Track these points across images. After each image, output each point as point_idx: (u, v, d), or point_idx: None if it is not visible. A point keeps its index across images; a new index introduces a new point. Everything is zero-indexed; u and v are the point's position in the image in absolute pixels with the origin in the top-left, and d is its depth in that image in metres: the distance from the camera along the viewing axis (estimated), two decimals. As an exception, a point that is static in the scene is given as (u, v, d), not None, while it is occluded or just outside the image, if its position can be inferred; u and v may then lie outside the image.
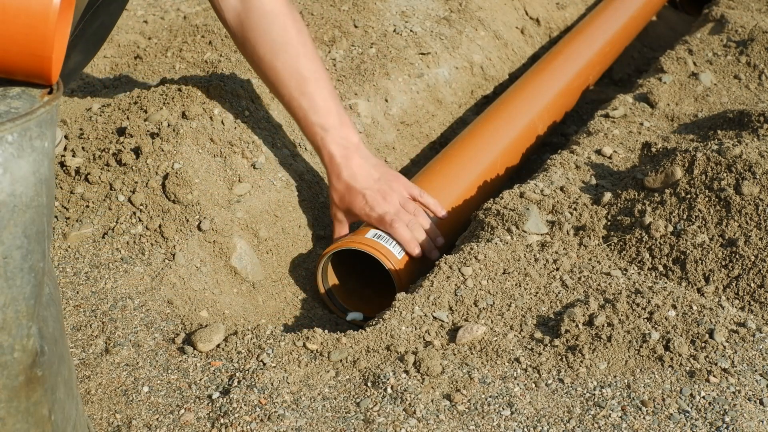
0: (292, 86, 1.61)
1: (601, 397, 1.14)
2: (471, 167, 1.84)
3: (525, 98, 2.15)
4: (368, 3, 2.47)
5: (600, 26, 2.66)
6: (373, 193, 1.61)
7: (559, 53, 2.44)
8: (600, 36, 2.61)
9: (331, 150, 1.62)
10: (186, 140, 1.66)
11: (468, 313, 1.31)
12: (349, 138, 1.63)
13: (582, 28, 2.64)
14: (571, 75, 2.36)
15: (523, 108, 2.11)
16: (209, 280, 1.51)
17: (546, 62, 2.37)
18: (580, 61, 2.44)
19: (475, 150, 1.89)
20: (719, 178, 1.46)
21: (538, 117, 2.13)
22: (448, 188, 1.76)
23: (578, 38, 2.55)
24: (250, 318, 1.49)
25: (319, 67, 1.63)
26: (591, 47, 2.53)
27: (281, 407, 1.12)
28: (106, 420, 1.11)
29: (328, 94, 1.63)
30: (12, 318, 0.69)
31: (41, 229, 0.70)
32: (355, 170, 1.62)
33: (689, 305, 1.27)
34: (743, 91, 2.22)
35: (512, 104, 2.11)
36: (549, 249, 1.45)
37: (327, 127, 1.62)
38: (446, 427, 1.09)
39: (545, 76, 2.28)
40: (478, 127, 1.98)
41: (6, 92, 0.70)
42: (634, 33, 2.93)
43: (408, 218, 1.60)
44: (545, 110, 2.17)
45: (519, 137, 2.04)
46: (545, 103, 2.19)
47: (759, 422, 1.08)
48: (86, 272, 1.41)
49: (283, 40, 1.59)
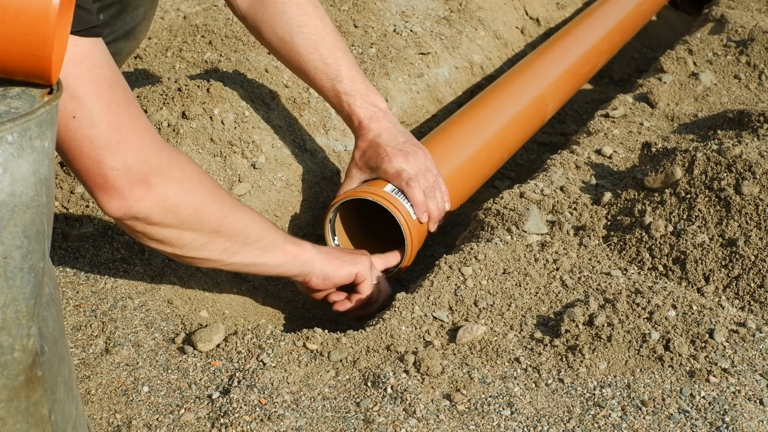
0: (315, 59, 1.60)
1: (601, 397, 1.14)
2: (478, 133, 1.86)
3: (534, 73, 2.17)
4: (368, 3, 2.47)
5: (602, 16, 2.66)
6: (396, 150, 1.59)
7: (566, 35, 2.45)
8: (603, 25, 2.61)
9: (359, 114, 1.61)
10: (186, 140, 1.66)
11: (468, 313, 1.31)
12: (376, 103, 1.63)
13: (586, 16, 2.63)
14: (578, 56, 2.38)
15: (532, 83, 2.13)
16: (209, 280, 1.51)
17: (553, 42, 2.39)
18: (585, 44, 2.45)
19: (485, 116, 1.91)
20: (719, 178, 1.46)
21: (547, 92, 2.15)
22: (455, 153, 1.77)
23: (579, 28, 2.56)
24: (250, 318, 1.49)
25: (338, 38, 1.63)
26: (593, 35, 2.53)
27: (281, 407, 1.12)
28: (106, 420, 1.11)
29: (351, 63, 1.63)
30: (12, 318, 0.69)
31: (41, 229, 0.70)
32: (381, 130, 1.61)
33: (689, 305, 1.27)
34: (743, 91, 2.22)
35: (521, 78, 2.13)
36: (549, 249, 1.45)
37: (353, 94, 1.61)
38: (446, 427, 1.09)
39: (553, 53, 2.30)
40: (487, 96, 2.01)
41: (6, 92, 0.70)
42: (639, 25, 2.93)
43: (426, 184, 1.59)
44: (554, 86, 2.19)
45: (527, 109, 2.06)
46: (553, 78, 2.21)
47: (759, 422, 1.08)
48: (86, 272, 1.41)
49: (301, 18, 1.59)
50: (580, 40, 2.44)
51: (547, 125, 2.40)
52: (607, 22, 2.62)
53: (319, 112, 2.02)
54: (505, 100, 1.98)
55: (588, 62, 2.42)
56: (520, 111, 2.01)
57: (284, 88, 2.02)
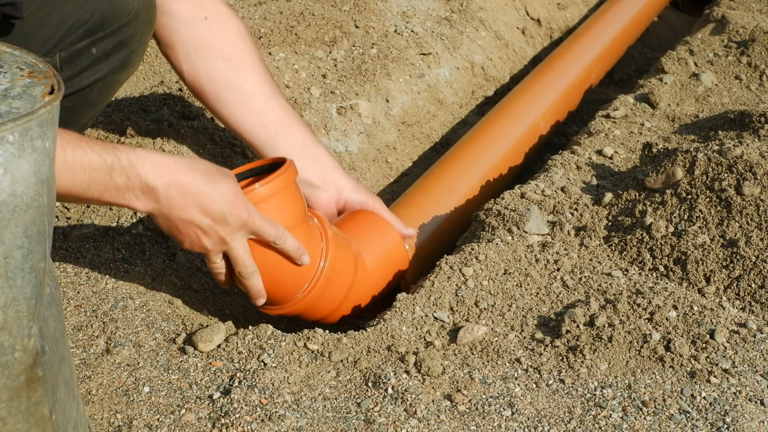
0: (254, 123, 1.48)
1: (601, 398, 1.14)
2: (473, 170, 1.83)
3: (527, 99, 2.15)
4: (369, 3, 2.47)
5: (603, 27, 2.66)
6: None
7: (564, 52, 2.44)
8: (602, 37, 2.61)
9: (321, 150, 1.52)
10: (186, 140, 1.66)
11: (469, 314, 1.31)
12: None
13: (586, 28, 2.64)
14: (574, 74, 2.37)
15: (526, 108, 2.11)
16: (210, 280, 1.51)
17: (548, 63, 2.38)
18: (583, 60, 2.44)
19: (478, 152, 1.88)
20: (720, 179, 1.46)
21: (541, 117, 2.13)
22: (451, 191, 1.75)
23: (582, 38, 2.56)
24: (250, 318, 1.49)
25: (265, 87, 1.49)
26: (593, 48, 2.53)
27: (282, 407, 1.12)
28: (107, 420, 1.11)
29: (285, 108, 1.51)
30: (13, 318, 0.69)
31: (42, 229, 0.70)
32: None
33: (690, 306, 1.27)
34: (744, 92, 2.22)
35: (514, 106, 2.11)
36: (550, 249, 1.45)
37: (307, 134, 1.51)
38: (447, 427, 1.09)
39: (548, 75, 2.29)
40: (480, 130, 1.98)
41: (7, 92, 0.70)
42: (638, 32, 2.93)
43: None
44: (548, 111, 2.18)
45: (522, 138, 2.04)
46: (548, 103, 2.19)
47: (760, 423, 1.08)
48: (87, 272, 1.41)
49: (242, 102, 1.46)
50: (583, 52, 2.46)
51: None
52: (609, 33, 2.64)
53: (320, 113, 2.02)
54: (498, 133, 1.97)
55: (589, 76, 2.44)
56: (516, 141, 2.00)
57: (285, 88, 2.02)
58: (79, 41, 1.27)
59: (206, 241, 1.21)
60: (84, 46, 1.28)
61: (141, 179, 1.12)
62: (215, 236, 1.21)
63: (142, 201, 1.14)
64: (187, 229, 1.19)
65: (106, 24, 1.28)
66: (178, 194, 1.16)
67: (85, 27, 1.26)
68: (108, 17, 1.28)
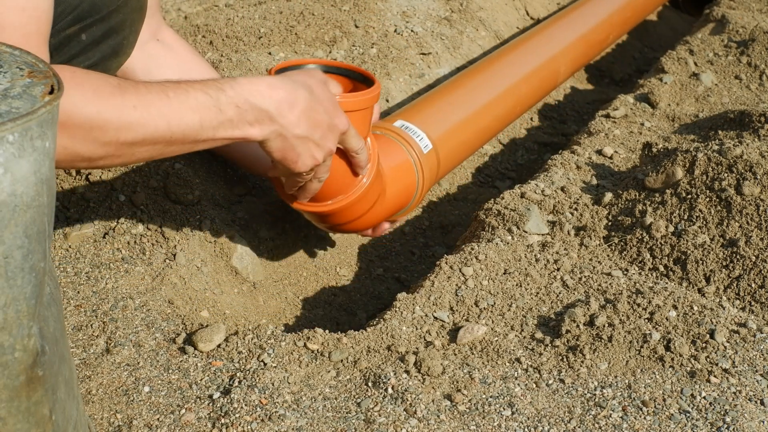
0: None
1: (601, 398, 1.14)
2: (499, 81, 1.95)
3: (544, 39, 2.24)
4: (369, 3, 2.47)
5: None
6: None
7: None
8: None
9: None
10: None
11: (469, 313, 1.31)
12: None
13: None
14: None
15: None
16: (210, 280, 1.51)
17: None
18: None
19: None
20: (720, 179, 1.46)
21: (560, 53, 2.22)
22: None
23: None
24: (250, 318, 1.49)
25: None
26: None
27: (282, 407, 1.12)
28: (107, 420, 1.11)
29: None
30: (13, 318, 0.69)
31: (42, 229, 0.70)
32: None
33: (690, 305, 1.27)
34: (744, 92, 2.22)
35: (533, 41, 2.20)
36: (550, 249, 1.45)
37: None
38: (447, 427, 1.09)
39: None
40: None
41: (7, 92, 0.70)
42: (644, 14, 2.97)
43: None
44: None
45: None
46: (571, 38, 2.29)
47: (760, 423, 1.08)
48: (87, 272, 1.41)
49: None
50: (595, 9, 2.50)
51: (548, 125, 2.40)
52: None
53: (319, 113, 2.02)
54: (517, 58, 2.07)
55: (602, 31, 2.48)
56: (534, 69, 2.08)
57: (285, 88, 2.02)
58: (69, 27, 1.26)
59: (318, 154, 1.22)
60: (74, 32, 1.27)
61: (251, 105, 1.12)
62: (324, 147, 1.22)
63: (257, 127, 1.14)
64: (304, 145, 1.20)
65: (95, 10, 1.27)
66: (290, 112, 1.16)
67: (74, 13, 1.25)
68: (97, 3, 1.27)
